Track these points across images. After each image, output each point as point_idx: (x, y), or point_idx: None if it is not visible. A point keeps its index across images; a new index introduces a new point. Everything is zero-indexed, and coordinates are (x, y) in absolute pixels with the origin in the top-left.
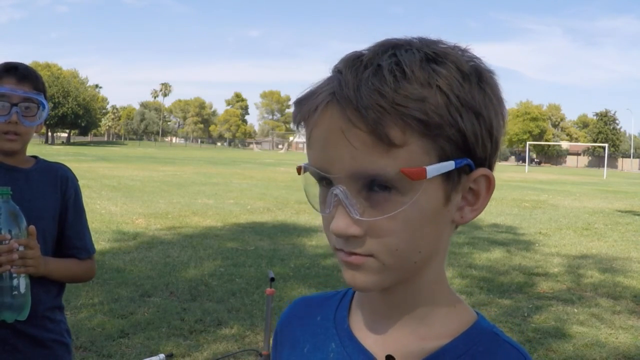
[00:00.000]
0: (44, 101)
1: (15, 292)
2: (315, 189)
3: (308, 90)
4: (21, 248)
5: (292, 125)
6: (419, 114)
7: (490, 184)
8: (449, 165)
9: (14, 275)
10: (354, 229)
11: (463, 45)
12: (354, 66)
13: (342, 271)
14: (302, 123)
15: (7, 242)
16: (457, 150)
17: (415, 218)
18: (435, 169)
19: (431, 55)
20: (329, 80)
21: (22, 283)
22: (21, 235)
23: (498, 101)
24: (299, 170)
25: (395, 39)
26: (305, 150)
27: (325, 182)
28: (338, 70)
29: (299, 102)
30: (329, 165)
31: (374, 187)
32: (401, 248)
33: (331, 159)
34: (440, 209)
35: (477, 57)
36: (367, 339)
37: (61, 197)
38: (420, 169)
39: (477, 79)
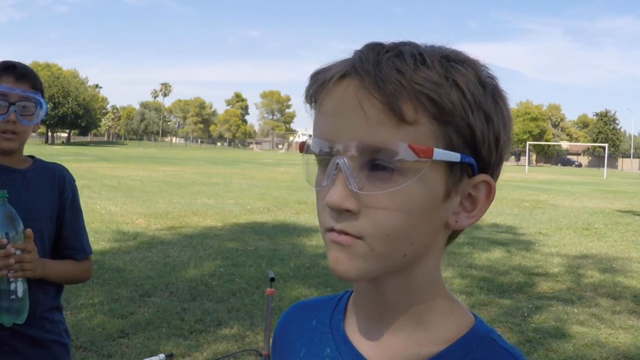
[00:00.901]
0: (42, 100)
1: (13, 297)
2: (314, 169)
3: (325, 65)
4: (18, 252)
5: (303, 100)
6: (434, 95)
7: (490, 191)
8: (455, 156)
9: (12, 279)
10: (349, 203)
11: (482, 61)
12: (376, 48)
13: (328, 255)
14: (315, 96)
15: (4, 246)
16: (464, 145)
17: (413, 202)
18: (441, 154)
19: (452, 57)
20: (348, 58)
21: (20, 287)
22: (18, 238)
23: (508, 118)
24: (301, 147)
25: (415, 42)
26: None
27: (327, 160)
28: (359, 51)
29: (315, 74)
30: (336, 135)
31: (377, 163)
32: (393, 233)
33: (340, 128)
34: (438, 203)
35: (495, 76)
36: (363, 343)
37: (58, 198)
38: (428, 147)
39: (492, 91)
